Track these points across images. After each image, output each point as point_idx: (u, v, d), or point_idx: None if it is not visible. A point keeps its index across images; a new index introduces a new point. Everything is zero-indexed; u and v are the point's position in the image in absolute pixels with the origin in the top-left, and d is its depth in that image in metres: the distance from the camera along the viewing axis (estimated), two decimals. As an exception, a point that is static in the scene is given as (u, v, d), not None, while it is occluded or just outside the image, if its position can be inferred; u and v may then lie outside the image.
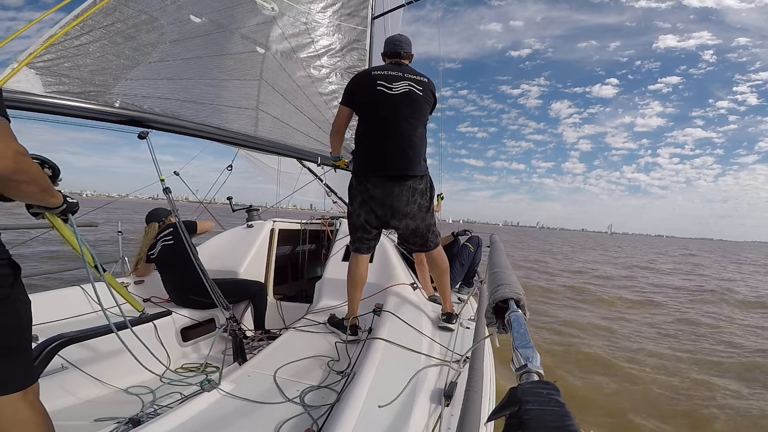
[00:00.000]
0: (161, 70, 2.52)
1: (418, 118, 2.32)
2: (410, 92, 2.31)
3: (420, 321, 2.26)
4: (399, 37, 2.53)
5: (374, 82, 2.31)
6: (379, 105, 2.30)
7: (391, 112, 2.29)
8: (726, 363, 5.51)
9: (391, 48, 2.51)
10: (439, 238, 2.53)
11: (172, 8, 2.60)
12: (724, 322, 8.11)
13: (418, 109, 2.32)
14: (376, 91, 2.29)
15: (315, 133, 3.69)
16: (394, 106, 2.28)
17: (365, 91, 2.34)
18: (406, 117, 2.29)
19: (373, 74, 2.35)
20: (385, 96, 2.29)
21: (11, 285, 1.10)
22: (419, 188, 2.32)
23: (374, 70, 2.38)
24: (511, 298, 1.04)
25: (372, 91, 2.30)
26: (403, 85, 2.31)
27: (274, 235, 3.67)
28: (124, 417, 1.73)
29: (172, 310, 2.56)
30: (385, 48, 2.56)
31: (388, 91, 2.29)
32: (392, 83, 2.30)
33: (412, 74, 2.36)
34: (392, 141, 2.28)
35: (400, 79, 2.32)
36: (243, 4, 3.14)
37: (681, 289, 12.82)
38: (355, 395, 1.37)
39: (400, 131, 2.28)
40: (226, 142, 2.92)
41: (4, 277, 1.09)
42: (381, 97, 2.29)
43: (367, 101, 2.35)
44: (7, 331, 1.08)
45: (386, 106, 2.29)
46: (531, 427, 0.49)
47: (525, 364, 0.70)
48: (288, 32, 3.51)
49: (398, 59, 2.49)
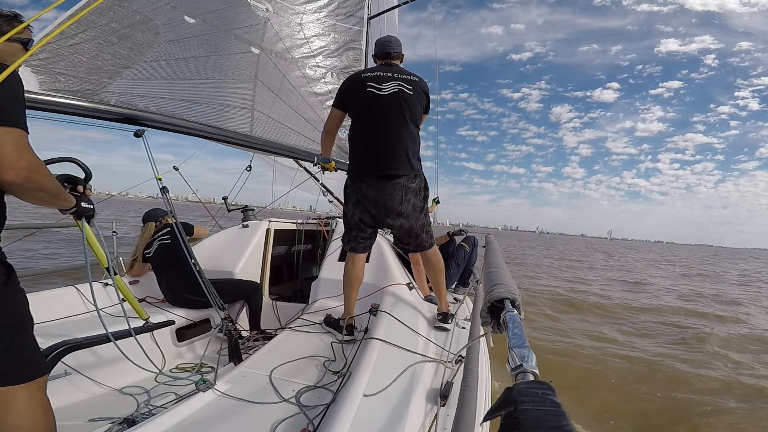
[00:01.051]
0: (157, 69, 2.52)
1: (408, 118, 2.34)
2: (400, 92, 2.33)
3: (416, 321, 2.27)
4: (388, 38, 2.56)
5: (364, 83, 2.34)
6: (370, 106, 2.33)
7: (382, 112, 2.31)
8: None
9: (381, 49, 2.54)
10: (434, 238, 2.54)
11: (166, 9, 2.62)
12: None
13: (409, 109, 2.34)
14: (367, 92, 2.32)
15: (310, 133, 3.69)
16: (385, 107, 2.31)
17: (356, 93, 2.37)
18: (397, 116, 2.31)
19: (363, 76, 2.38)
20: (376, 97, 2.31)
21: (3, 284, 1.15)
22: (413, 187, 2.33)
23: (364, 72, 2.43)
24: (507, 297, 1.04)
25: (363, 93, 2.33)
26: (393, 85, 2.33)
27: (270, 235, 3.66)
28: (119, 417, 1.73)
29: (168, 311, 2.55)
30: (375, 49, 2.59)
31: (378, 91, 2.32)
32: (382, 84, 2.33)
33: (402, 74, 2.39)
34: (383, 141, 2.30)
35: (389, 79, 2.35)
36: (237, 6, 3.15)
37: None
38: (351, 395, 1.37)
39: (392, 131, 2.31)
40: (222, 141, 2.91)
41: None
42: (371, 98, 2.32)
43: (359, 103, 2.38)
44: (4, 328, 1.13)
45: (377, 107, 2.31)
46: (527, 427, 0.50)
47: (520, 363, 0.71)
48: (283, 33, 3.52)
49: (388, 60, 2.51)
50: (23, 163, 1.10)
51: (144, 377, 2.14)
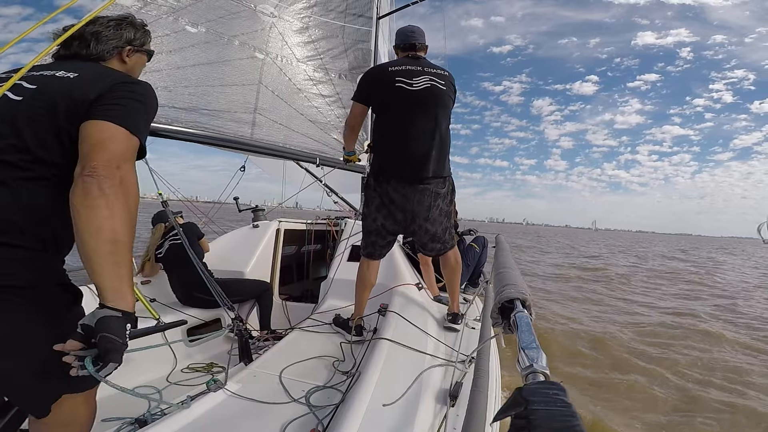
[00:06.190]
0: (158, 81, 2.60)
1: (442, 115, 2.17)
2: (432, 87, 2.15)
3: (425, 321, 2.26)
4: (411, 28, 2.36)
5: (393, 77, 2.15)
6: (399, 102, 2.14)
7: (412, 110, 2.14)
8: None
9: (405, 39, 2.34)
10: (455, 238, 2.44)
11: (168, 21, 2.69)
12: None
13: (442, 105, 2.17)
14: (396, 87, 2.13)
15: (317, 135, 3.71)
16: (416, 104, 2.13)
17: (382, 88, 2.19)
18: (429, 114, 2.14)
19: (391, 70, 2.19)
20: (406, 93, 2.13)
21: (68, 309, 1.11)
22: (442, 192, 2.21)
23: (391, 66, 2.24)
24: (517, 298, 1.03)
25: (390, 88, 2.14)
26: (425, 80, 2.15)
27: (280, 235, 3.68)
28: (131, 417, 1.74)
29: (179, 310, 2.57)
30: (397, 40, 2.40)
31: (408, 87, 2.13)
32: (412, 78, 2.14)
33: (431, 68, 2.21)
34: (414, 142, 2.14)
35: (420, 73, 2.16)
36: (242, 12, 3.18)
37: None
38: (360, 395, 1.37)
39: (423, 130, 2.14)
40: (222, 146, 2.96)
41: (64, 298, 1.11)
42: (401, 94, 2.13)
43: (386, 98, 2.20)
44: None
45: (407, 104, 2.13)
46: (537, 427, 0.49)
47: (531, 364, 0.70)
48: (288, 36, 3.54)
49: (414, 52, 2.32)
50: (121, 165, 1.00)
51: (155, 377, 2.16)
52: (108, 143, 1.01)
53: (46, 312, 1.03)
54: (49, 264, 1.08)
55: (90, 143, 1.01)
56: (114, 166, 0.98)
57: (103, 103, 1.07)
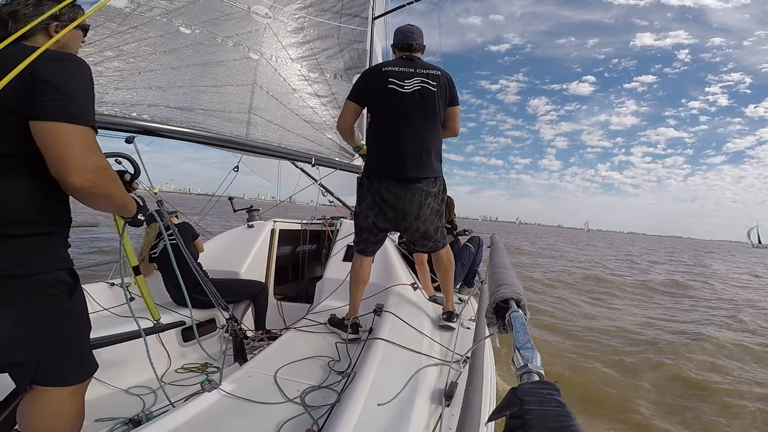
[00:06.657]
0: (152, 80, 2.60)
1: (431, 117, 2.23)
2: (423, 89, 2.20)
3: (420, 321, 2.26)
4: (410, 27, 2.37)
5: (386, 79, 2.20)
6: (391, 104, 2.20)
7: (403, 111, 2.19)
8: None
9: (402, 39, 2.36)
10: (446, 237, 2.48)
11: (161, 22, 2.69)
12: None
13: (432, 107, 2.22)
14: (388, 89, 2.19)
15: (312, 135, 3.70)
16: (407, 106, 2.19)
17: (376, 89, 2.24)
18: (419, 116, 2.20)
19: (384, 70, 2.23)
20: (397, 94, 2.18)
21: (69, 295, 1.16)
22: (432, 191, 2.24)
23: (385, 66, 2.28)
24: (512, 298, 1.04)
25: (383, 90, 2.20)
26: (415, 82, 2.19)
27: (275, 236, 3.67)
28: (125, 417, 1.74)
29: (174, 310, 2.56)
30: (395, 39, 2.41)
31: (400, 89, 2.18)
32: (404, 80, 2.19)
33: (424, 69, 2.25)
34: (404, 142, 2.19)
35: (411, 75, 2.21)
36: (236, 13, 3.17)
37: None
38: (356, 395, 1.37)
39: (413, 131, 2.19)
40: (216, 145, 2.95)
41: (65, 284, 1.15)
42: (392, 95, 2.18)
43: (379, 100, 2.25)
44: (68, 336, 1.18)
45: (398, 106, 2.19)
46: (532, 427, 0.49)
47: (525, 364, 0.70)
48: (283, 36, 3.53)
49: (409, 52, 2.33)
50: (90, 165, 1.02)
51: (149, 377, 2.14)
52: (69, 151, 1.00)
53: (49, 295, 1.09)
54: (52, 249, 1.13)
55: (52, 154, 1.01)
56: (89, 171, 1.02)
57: (40, 98, 1.01)
